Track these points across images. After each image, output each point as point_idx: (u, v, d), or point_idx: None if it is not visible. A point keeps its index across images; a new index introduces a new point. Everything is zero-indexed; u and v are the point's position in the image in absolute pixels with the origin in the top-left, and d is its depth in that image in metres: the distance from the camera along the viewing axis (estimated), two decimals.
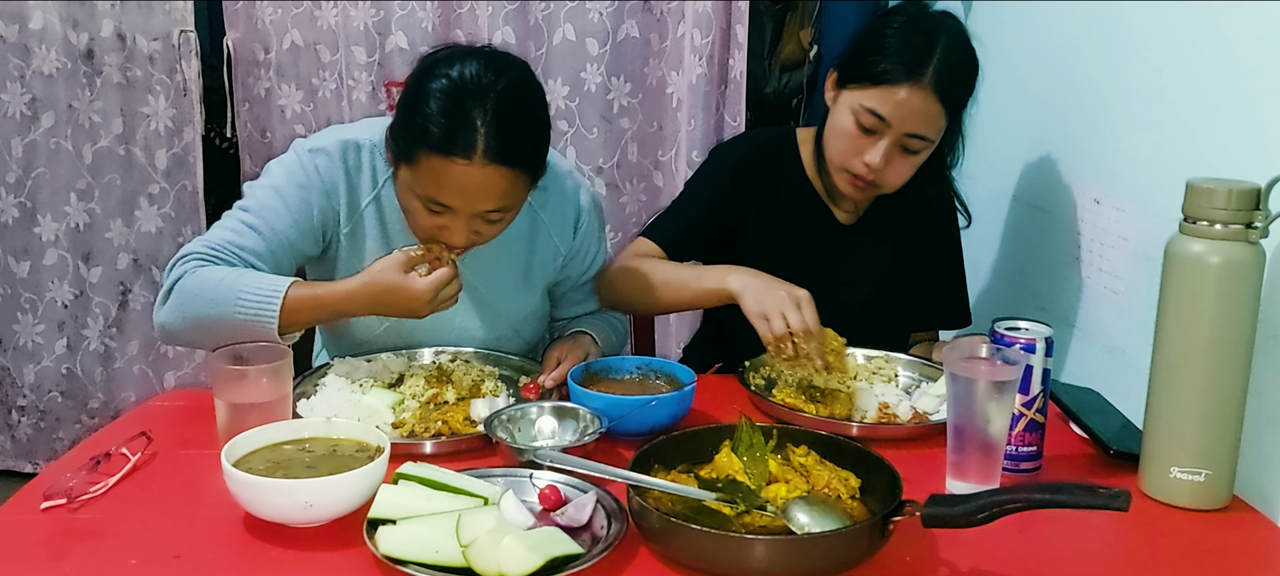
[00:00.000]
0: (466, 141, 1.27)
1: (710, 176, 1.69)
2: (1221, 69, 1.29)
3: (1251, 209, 1.10)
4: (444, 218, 1.33)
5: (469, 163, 1.27)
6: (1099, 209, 1.57)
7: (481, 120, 1.27)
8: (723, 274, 1.47)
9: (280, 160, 1.44)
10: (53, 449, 2.80)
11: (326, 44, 2.54)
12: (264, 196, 1.41)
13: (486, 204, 1.32)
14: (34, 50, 2.55)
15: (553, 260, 1.57)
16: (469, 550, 0.95)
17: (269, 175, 1.43)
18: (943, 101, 1.48)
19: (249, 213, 1.40)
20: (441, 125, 1.27)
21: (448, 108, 1.27)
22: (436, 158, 1.28)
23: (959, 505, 0.98)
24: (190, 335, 1.35)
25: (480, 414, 1.30)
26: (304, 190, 1.41)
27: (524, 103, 1.34)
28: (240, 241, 1.37)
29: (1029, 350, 1.19)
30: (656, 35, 2.56)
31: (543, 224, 1.55)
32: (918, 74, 1.46)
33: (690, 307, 1.64)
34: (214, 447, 1.10)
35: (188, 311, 1.32)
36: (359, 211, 1.45)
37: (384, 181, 1.46)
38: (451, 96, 1.28)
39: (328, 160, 1.42)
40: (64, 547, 1.02)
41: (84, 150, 2.61)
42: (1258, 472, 1.18)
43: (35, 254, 2.68)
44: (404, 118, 1.33)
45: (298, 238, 1.41)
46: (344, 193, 1.44)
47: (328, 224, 1.44)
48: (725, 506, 1.04)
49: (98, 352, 2.75)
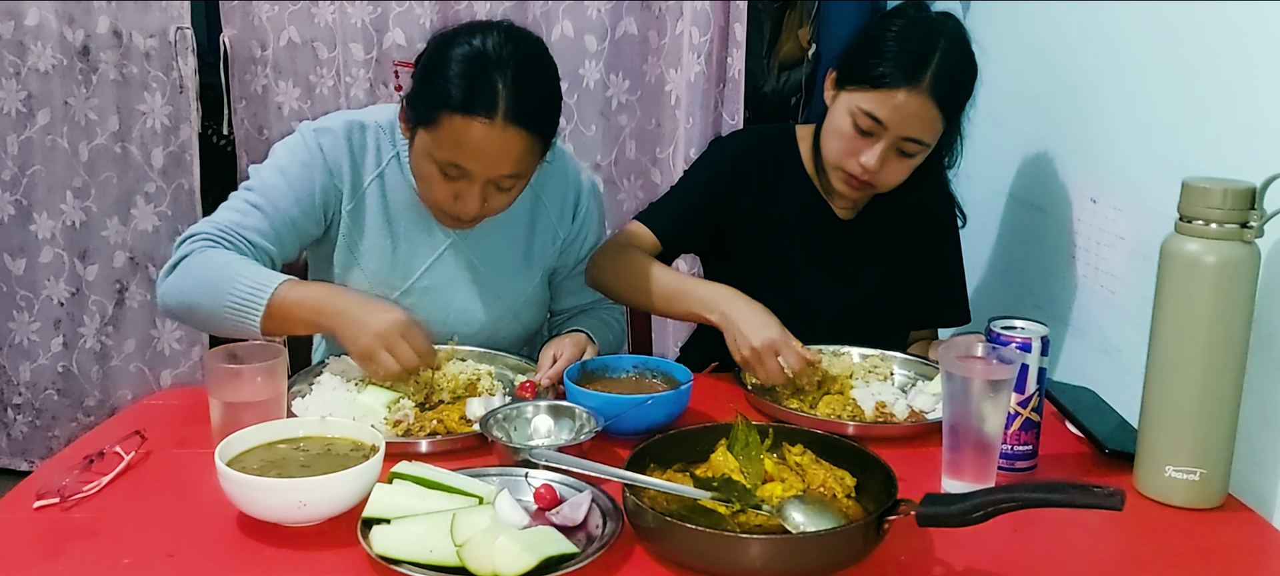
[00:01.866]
0: (489, 101, 1.31)
1: (709, 166, 1.69)
2: (1218, 68, 1.29)
3: (1247, 208, 1.10)
4: (460, 184, 1.37)
5: (490, 123, 1.31)
6: (1095, 208, 1.57)
7: (503, 83, 1.31)
8: (708, 299, 1.45)
9: (285, 141, 1.49)
10: (48, 447, 2.80)
11: (324, 41, 2.54)
12: (268, 176, 1.45)
13: (504, 167, 1.36)
14: (30, 47, 2.54)
15: (552, 243, 1.60)
16: (463, 549, 0.94)
17: (274, 156, 1.48)
18: (940, 107, 1.48)
19: (253, 192, 1.43)
20: (464, 87, 1.32)
21: (470, 71, 1.32)
22: (458, 117, 1.32)
23: (954, 504, 0.98)
24: (187, 312, 1.38)
25: (476, 413, 1.30)
26: (307, 169, 1.45)
27: (542, 71, 1.40)
28: (245, 221, 1.40)
29: (1025, 349, 1.19)
30: (655, 32, 2.56)
31: (543, 206, 1.58)
32: (916, 79, 1.46)
33: (677, 319, 1.64)
34: (208, 446, 1.10)
35: (188, 288, 1.36)
36: (362, 190, 1.49)
37: (388, 161, 1.49)
38: (474, 62, 1.33)
39: (332, 139, 1.47)
40: (57, 546, 1.02)
41: (80, 148, 2.61)
42: (1252, 471, 1.18)
43: (31, 252, 2.67)
44: (424, 83, 1.37)
45: (300, 216, 1.44)
46: (347, 171, 1.47)
47: (330, 202, 1.47)
48: (721, 505, 1.04)
49: (94, 351, 2.75)
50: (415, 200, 1.50)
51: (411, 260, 1.52)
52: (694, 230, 1.65)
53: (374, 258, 1.51)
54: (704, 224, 1.64)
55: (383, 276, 1.51)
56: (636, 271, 1.55)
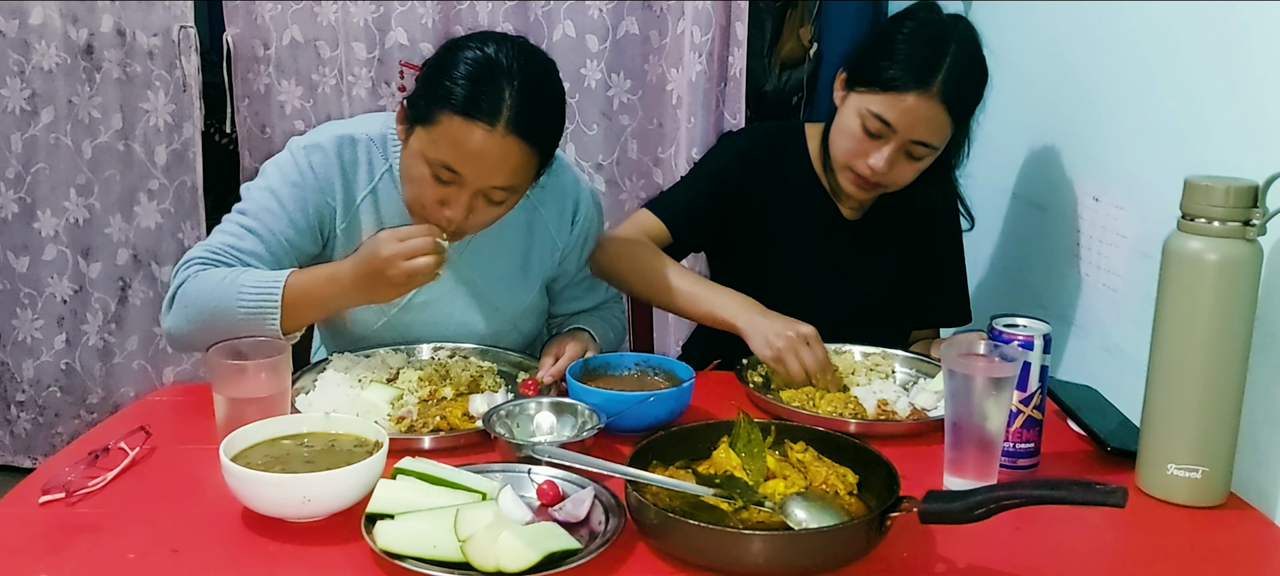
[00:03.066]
0: (492, 107, 1.29)
1: (719, 158, 1.69)
2: (1220, 67, 1.29)
3: (1249, 206, 1.10)
4: (449, 189, 1.33)
5: (490, 129, 1.29)
6: (1098, 206, 1.57)
7: (510, 92, 1.29)
8: (731, 307, 1.48)
9: (275, 160, 1.45)
10: (51, 444, 2.80)
11: (326, 40, 2.54)
12: (260, 198, 1.41)
13: (497, 177, 1.32)
14: (34, 45, 2.55)
15: (550, 254, 1.58)
16: (467, 545, 0.95)
17: (264, 176, 1.44)
18: (949, 111, 1.48)
19: (247, 216, 1.40)
20: (469, 89, 1.29)
21: (477, 75, 1.30)
22: (458, 120, 1.29)
23: (956, 501, 0.98)
24: (197, 337, 1.34)
25: (479, 409, 1.30)
26: (299, 189, 1.41)
27: (550, 88, 1.37)
28: (240, 245, 1.38)
29: (1027, 347, 1.19)
30: (656, 32, 2.56)
31: (541, 218, 1.56)
32: (926, 83, 1.46)
33: (694, 321, 1.64)
34: (212, 442, 1.11)
35: (191, 315, 1.33)
36: (354, 206, 1.46)
37: (380, 176, 1.46)
38: (483, 66, 1.31)
39: (323, 156, 1.43)
40: (62, 542, 1.02)
41: (84, 146, 2.61)
42: (1254, 469, 1.18)
43: (35, 249, 2.67)
44: (428, 83, 1.34)
45: (296, 237, 1.41)
46: (339, 188, 1.44)
47: (324, 221, 1.45)
48: (723, 502, 1.04)
49: (97, 348, 2.75)
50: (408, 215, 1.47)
51: None
52: (702, 222, 1.65)
53: None
54: (711, 217, 1.65)
55: None
56: (654, 269, 1.56)
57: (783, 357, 1.40)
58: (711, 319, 1.51)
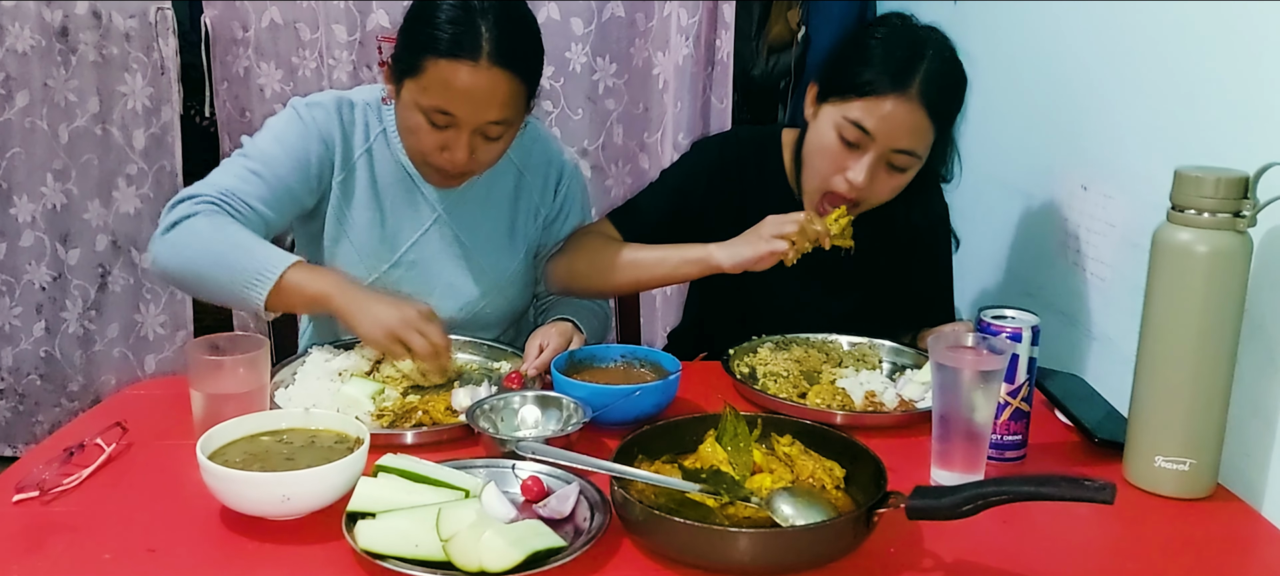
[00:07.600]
0: (473, 44, 1.34)
1: (685, 172, 1.64)
2: (1210, 57, 1.28)
3: (1239, 198, 1.09)
4: (447, 133, 1.39)
5: (476, 65, 1.34)
6: (1086, 195, 1.56)
7: (486, 26, 1.34)
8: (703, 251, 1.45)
9: (277, 115, 1.50)
10: (32, 433, 2.77)
11: (306, 22, 2.51)
12: (264, 145, 1.46)
13: (491, 112, 1.37)
14: (7, 27, 2.50)
15: (535, 219, 1.62)
16: (449, 544, 0.93)
17: (268, 128, 1.49)
18: (931, 114, 1.41)
19: (251, 160, 1.44)
20: (449, 32, 1.34)
21: (454, 16, 1.35)
22: (444, 62, 1.34)
23: (944, 497, 0.97)
24: (181, 277, 1.38)
25: (462, 403, 1.29)
26: (303, 139, 1.47)
27: (523, 15, 1.43)
28: (244, 187, 1.41)
29: (1015, 339, 1.19)
30: (642, 15, 2.53)
31: (526, 183, 1.61)
32: (904, 84, 1.39)
33: (657, 284, 1.61)
34: (191, 438, 1.09)
35: (189, 257, 1.35)
36: (352, 161, 1.51)
37: (376, 137, 1.52)
38: (458, 7, 1.36)
39: (324, 112, 1.50)
40: (37, 541, 1.00)
41: (60, 130, 2.57)
42: (1242, 461, 1.18)
43: (11, 235, 2.64)
44: (409, 35, 1.39)
45: (297, 184, 1.46)
46: (339, 142, 1.50)
47: (324, 172, 1.49)
48: (709, 498, 1.03)
49: (77, 336, 2.72)
50: (402, 175, 1.52)
51: (398, 233, 1.53)
52: (658, 236, 1.56)
53: (362, 230, 1.52)
54: (670, 231, 1.56)
55: (371, 249, 1.52)
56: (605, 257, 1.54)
57: (772, 249, 1.37)
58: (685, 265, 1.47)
